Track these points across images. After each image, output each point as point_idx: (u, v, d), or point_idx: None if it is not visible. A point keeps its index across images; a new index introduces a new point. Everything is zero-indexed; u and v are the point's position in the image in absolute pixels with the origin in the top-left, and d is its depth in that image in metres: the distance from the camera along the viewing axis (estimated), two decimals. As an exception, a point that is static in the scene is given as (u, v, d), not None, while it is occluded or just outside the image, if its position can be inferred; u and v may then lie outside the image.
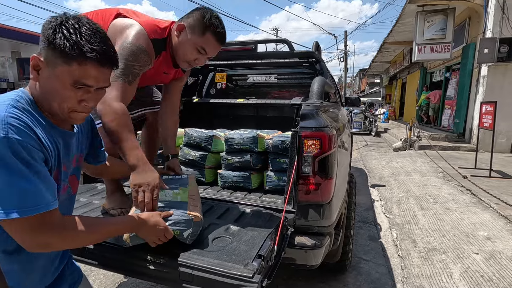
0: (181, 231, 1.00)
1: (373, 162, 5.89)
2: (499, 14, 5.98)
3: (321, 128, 1.27)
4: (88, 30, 0.70)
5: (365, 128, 11.73)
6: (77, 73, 0.69)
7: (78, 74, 0.69)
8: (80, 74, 0.69)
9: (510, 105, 6.08)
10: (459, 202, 3.25)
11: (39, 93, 0.72)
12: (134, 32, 1.18)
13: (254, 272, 0.87)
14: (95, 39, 0.70)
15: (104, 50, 0.71)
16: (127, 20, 1.23)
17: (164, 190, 1.19)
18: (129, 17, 1.25)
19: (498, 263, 2.06)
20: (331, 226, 1.37)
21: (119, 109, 1.09)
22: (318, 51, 2.39)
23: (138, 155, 1.06)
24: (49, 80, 0.69)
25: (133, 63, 1.16)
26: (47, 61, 0.69)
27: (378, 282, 1.97)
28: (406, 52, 12.36)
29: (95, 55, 0.69)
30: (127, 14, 1.27)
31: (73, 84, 0.69)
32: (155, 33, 1.24)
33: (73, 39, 0.67)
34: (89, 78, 0.70)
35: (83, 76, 0.70)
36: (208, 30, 1.20)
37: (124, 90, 1.15)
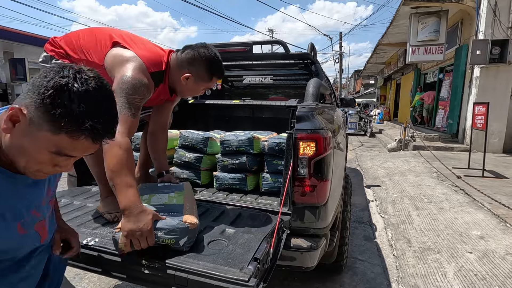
0: (176, 239, 0.98)
1: (368, 163, 5.93)
2: (491, 16, 6.07)
3: (317, 130, 1.27)
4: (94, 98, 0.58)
5: (360, 129, 11.81)
6: (64, 145, 0.58)
7: (65, 146, 0.58)
8: (67, 146, 0.59)
9: (502, 106, 6.18)
10: (453, 201, 3.29)
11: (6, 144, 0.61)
12: (133, 66, 1.19)
13: (250, 276, 0.86)
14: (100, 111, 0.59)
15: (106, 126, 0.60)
16: (126, 52, 1.24)
17: (160, 194, 1.18)
18: (127, 47, 1.26)
19: (491, 261, 2.08)
20: (327, 227, 1.38)
21: (123, 145, 1.08)
22: (313, 52, 2.40)
23: (131, 196, 1.00)
24: (25, 138, 0.58)
25: (134, 96, 1.17)
26: (31, 119, 0.57)
27: (374, 282, 1.98)
28: (400, 53, 12.48)
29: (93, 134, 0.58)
30: (124, 43, 1.27)
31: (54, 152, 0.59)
32: (154, 66, 1.25)
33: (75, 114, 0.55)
34: (77, 151, 0.61)
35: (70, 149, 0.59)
36: (214, 75, 1.32)
37: (129, 124, 1.14)
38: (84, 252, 1.07)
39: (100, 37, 1.31)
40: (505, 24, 6.05)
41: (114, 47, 1.26)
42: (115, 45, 1.27)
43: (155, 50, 1.32)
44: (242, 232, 1.15)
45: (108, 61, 1.25)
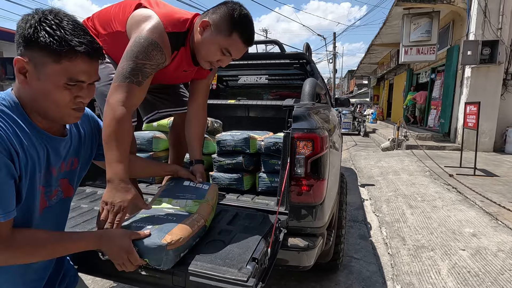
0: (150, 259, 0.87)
1: (362, 162, 5.98)
2: (481, 17, 6.18)
3: (313, 130, 1.28)
4: (69, 23, 0.67)
5: (354, 128, 11.91)
6: (69, 70, 0.66)
7: (70, 70, 0.66)
8: (72, 70, 0.66)
9: (492, 105, 6.30)
10: (445, 200, 3.34)
11: (29, 96, 0.68)
12: (149, 25, 1.09)
13: (249, 276, 0.86)
14: (79, 31, 0.67)
15: (90, 42, 0.68)
16: (145, 11, 1.14)
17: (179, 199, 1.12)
18: (148, 7, 1.16)
19: (483, 258, 2.12)
20: (324, 227, 1.38)
21: (118, 115, 1.01)
22: (308, 52, 2.41)
23: (117, 170, 0.96)
24: (40, 82, 0.66)
25: (144, 61, 1.07)
26: (33, 62, 0.65)
27: (369, 280, 2.00)
28: (393, 53, 12.62)
29: (84, 48, 0.66)
30: (147, 4, 1.18)
31: (66, 82, 0.67)
32: (174, 26, 1.12)
33: (58, 35, 0.64)
34: (82, 73, 0.68)
35: (76, 72, 0.67)
36: (235, 31, 1.09)
37: (131, 92, 1.05)
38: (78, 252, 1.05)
39: (127, 3, 1.23)
40: (495, 26, 6.18)
41: (136, 10, 1.18)
42: (137, 7, 1.18)
43: (179, 11, 1.20)
44: (240, 232, 1.15)
45: (129, 23, 1.16)
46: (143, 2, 1.20)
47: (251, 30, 1.14)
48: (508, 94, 6.54)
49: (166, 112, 1.53)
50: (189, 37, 1.18)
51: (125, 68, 1.05)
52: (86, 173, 1.08)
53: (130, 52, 1.07)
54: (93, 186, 1.73)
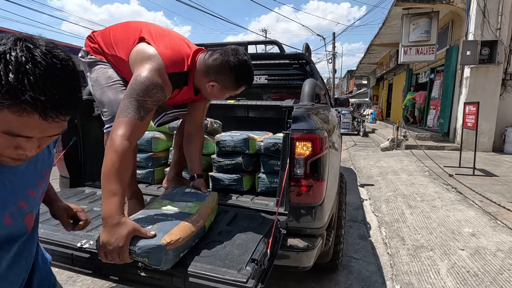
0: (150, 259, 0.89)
1: (362, 162, 5.98)
2: (481, 18, 6.19)
3: (313, 130, 1.28)
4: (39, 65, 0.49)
5: (353, 128, 11.91)
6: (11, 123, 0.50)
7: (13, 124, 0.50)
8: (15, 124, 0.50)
9: (491, 105, 6.31)
10: (445, 200, 3.34)
11: None
12: (151, 66, 1.13)
13: (248, 277, 0.86)
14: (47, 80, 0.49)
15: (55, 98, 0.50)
16: (148, 49, 1.19)
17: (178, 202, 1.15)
18: (151, 43, 1.21)
19: (482, 258, 2.12)
20: (323, 227, 1.38)
21: (119, 149, 1.01)
22: (308, 52, 2.40)
23: (112, 205, 0.94)
24: None
25: (145, 99, 1.11)
26: None
27: (369, 280, 2.00)
28: (392, 54, 12.63)
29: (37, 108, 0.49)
30: (150, 39, 1.22)
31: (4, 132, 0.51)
32: (175, 67, 1.18)
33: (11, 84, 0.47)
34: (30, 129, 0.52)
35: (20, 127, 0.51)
36: (241, 85, 1.28)
37: (134, 127, 1.07)
38: (78, 254, 1.05)
39: (131, 32, 1.29)
40: (494, 26, 6.18)
41: (139, 43, 1.23)
42: (141, 40, 1.23)
43: (180, 49, 1.25)
44: (239, 232, 1.15)
45: (131, 57, 1.22)
46: (146, 36, 1.23)
47: (253, 76, 1.32)
48: (507, 94, 6.55)
49: (173, 113, 1.57)
50: (192, 76, 1.27)
51: (127, 105, 1.09)
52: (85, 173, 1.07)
53: (132, 90, 1.11)
54: (92, 187, 1.73)
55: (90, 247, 1.05)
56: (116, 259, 0.91)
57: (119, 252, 0.90)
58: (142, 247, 0.89)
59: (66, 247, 1.07)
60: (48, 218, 1.27)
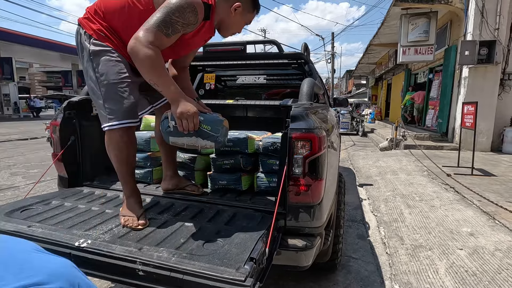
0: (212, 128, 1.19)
1: (361, 162, 5.99)
2: (479, 18, 6.21)
3: (311, 130, 1.28)
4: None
5: (352, 128, 11.93)
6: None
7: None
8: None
9: (490, 105, 6.32)
10: (443, 199, 3.35)
11: None
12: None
13: (247, 276, 0.86)
14: None
15: None
16: None
17: None
18: None
19: (481, 258, 2.13)
20: (322, 226, 1.38)
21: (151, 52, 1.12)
22: (307, 52, 2.40)
23: (174, 90, 1.17)
24: None
25: (177, 19, 1.16)
26: None
27: (367, 280, 2.00)
28: (391, 53, 12.65)
29: None
30: None
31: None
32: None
33: None
34: None
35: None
36: (256, 7, 1.40)
37: (160, 39, 1.15)
38: (76, 254, 1.05)
39: None
40: (492, 26, 6.20)
41: None
42: None
43: None
44: (238, 232, 1.15)
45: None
46: None
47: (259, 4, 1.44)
48: (505, 94, 6.57)
49: (159, 104, 1.58)
50: (213, 12, 1.32)
51: (159, 18, 1.15)
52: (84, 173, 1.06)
53: (168, 7, 1.16)
54: (90, 187, 1.73)
55: (88, 247, 1.05)
56: (191, 124, 1.16)
57: (194, 117, 1.16)
58: (207, 118, 1.21)
59: (64, 246, 1.07)
60: (46, 218, 1.27)
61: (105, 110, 1.29)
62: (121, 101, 1.27)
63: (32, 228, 1.16)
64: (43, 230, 1.15)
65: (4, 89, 17.15)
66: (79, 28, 1.33)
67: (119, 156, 1.34)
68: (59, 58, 19.67)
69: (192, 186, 1.65)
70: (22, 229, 1.15)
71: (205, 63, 2.81)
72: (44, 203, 1.44)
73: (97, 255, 1.03)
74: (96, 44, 1.26)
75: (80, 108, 1.77)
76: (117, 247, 1.04)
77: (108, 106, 1.28)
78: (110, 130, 1.30)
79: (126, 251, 1.01)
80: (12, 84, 17.02)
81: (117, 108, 1.27)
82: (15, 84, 17.23)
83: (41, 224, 1.20)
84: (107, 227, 1.22)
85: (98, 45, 1.26)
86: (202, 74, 2.99)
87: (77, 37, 1.33)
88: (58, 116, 1.71)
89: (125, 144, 1.32)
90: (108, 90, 1.27)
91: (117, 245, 1.05)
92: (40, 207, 1.40)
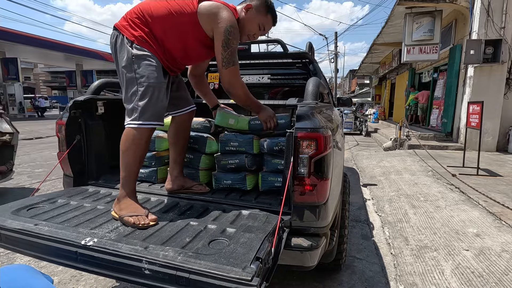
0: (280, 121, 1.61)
1: (364, 162, 5.96)
2: (484, 16, 6.15)
3: (317, 129, 1.27)
4: None
5: (356, 128, 11.88)
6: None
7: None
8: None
9: (495, 104, 6.26)
10: (448, 200, 3.32)
11: None
12: (229, 14, 1.38)
13: (253, 275, 0.86)
14: None
15: None
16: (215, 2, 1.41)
17: None
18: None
19: (487, 259, 2.11)
20: (327, 226, 1.38)
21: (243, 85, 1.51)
22: (311, 51, 2.40)
23: (258, 103, 1.61)
24: None
25: (235, 45, 1.41)
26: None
27: (372, 281, 1.99)
28: (395, 53, 12.58)
29: None
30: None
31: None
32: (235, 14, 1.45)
33: None
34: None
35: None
36: (269, 12, 1.52)
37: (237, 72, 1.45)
38: (82, 252, 1.05)
39: None
40: (498, 24, 6.14)
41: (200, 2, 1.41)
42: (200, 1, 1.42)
43: None
44: (243, 231, 1.15)
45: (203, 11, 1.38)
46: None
47: (277, 15, 1.59)
48: (511, 94, 6.50)
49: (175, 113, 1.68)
50: None
51: (232, 54, 1.40)
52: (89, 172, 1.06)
53: (227, 41, 1.38)
54: (95, 186, 1.74)
55: (94, 245, 1.05)
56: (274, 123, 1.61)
57: (275, 118, 1.61)
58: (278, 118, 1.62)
59: (70, 244, 1.07)
60: (52, 216, 1.28)
61: (137, 108, 1.34)
62: (156, 103, 1.35)
63: (39, 227, 1.16)
64: (49, 228, 1.15)
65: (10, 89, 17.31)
66: (117, 33, 1.41)
67: (137, 153, 1.36)
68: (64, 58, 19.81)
69: (198, 185, 1.66)
70: (29, 227, 1.15)
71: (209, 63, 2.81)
72: (50, 202, 1.45)
73: (103, 254, 1.03)
74: (138, 48, 1.36)
75: (86, 107, 1.78)
76: (123, 246, 1.04)
77: (142, 105, 1.33)
78: (136, 128, 1.34)
79: (132, 250, 1.01)
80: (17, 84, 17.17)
81: (151, 109, 1.33)
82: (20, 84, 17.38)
83: (48, 223, 1.20)
84: (112, 225, 1.23)
85: (140, 50, 1.36)
86: (206, 73, 2.99)
87: (115, 39, 1.42)
88: (64, 116, 1.72)
89: (145, 143, 1.38)
90: (147, 91, 1.34)
91: (123, 244, 1.05)
92: (46, 205, 1.40)
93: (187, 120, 1.71)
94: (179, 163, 1.68)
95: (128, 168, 1.37)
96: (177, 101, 1.66)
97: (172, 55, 1.45)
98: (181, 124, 1.69)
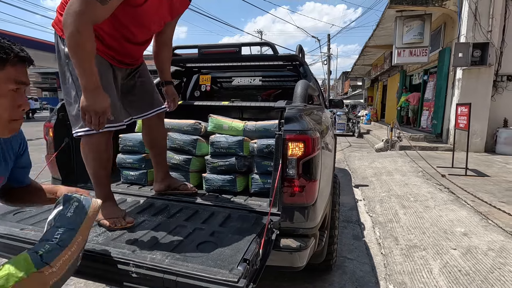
0: None
1: (356, 163, 6.02)
2: (472, 20, 6.29)
3: (305, 131, 1.29)
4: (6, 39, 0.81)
5: (348, 129, 11.99)
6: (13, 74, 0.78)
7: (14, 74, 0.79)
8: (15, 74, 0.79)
9: (483, 106, 6.40)
10: (437, 200, 3.38)
11: None
12: None
13: (240, 277, 0.86)
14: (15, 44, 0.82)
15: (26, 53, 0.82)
16: None
17: None
18: None
19: (474, 257, 2.15)
20: (316, 227, 1.39)
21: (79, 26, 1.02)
22: (301, 54, 2.42)
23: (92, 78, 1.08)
24: None
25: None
26: None
27: (362, 280, 2.01)
28: (387, 55, 12.75)
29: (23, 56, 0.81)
30: None
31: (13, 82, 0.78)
32: None
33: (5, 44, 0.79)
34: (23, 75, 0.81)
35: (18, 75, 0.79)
36: None
37: (92, 7, 1.04)
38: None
39: None
40: (485, 28, 6.29)
41: None
42: None
43: None
44: (232, 233, 1.15)
45: None
46: None
47: None
48: (499, 96, 6.65)
49: (139, 117, 1.57)
50: None
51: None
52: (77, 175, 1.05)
53: None
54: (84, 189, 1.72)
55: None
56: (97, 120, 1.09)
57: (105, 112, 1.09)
58: None
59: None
60: (39, 220, 1.26)
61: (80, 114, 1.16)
62: None
63: (25, 231, 1.15)
64: (35, 232, 1.14)
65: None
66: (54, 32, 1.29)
67: (98, 160, 1.30)
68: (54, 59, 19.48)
69: (184, 185, 1.65)
70: (14, 232, 1.14)
71: (201, 65, 2.81)
72: (37, 206, 1.43)
73: (90, 257, 1.03)
74: None
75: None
76: (110, 249, 1.03)
77: None
78: (87, 135, 1.24)
79: (119, 253, 1.01)
80: (6, 85, 16.82)
81: None
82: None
83: (34, 227, 1.19)
84: (100, 229, 1.22)
85: None
86: (198, 75, 2.99)
87: (56, 40, 1.29)
88: (52, 118, 1.70)
89: (105, 146, 1.29)
90: None
91: (110, 247, 1.05)
92: (33, 209, 1.39)
93: (157, 124, 1.58)
94: (162, 164, 1.65)
95: (95, 174, 1.32)
96: (140, 103, 1.53)
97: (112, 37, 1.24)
98: (152, 128, 1.58)
